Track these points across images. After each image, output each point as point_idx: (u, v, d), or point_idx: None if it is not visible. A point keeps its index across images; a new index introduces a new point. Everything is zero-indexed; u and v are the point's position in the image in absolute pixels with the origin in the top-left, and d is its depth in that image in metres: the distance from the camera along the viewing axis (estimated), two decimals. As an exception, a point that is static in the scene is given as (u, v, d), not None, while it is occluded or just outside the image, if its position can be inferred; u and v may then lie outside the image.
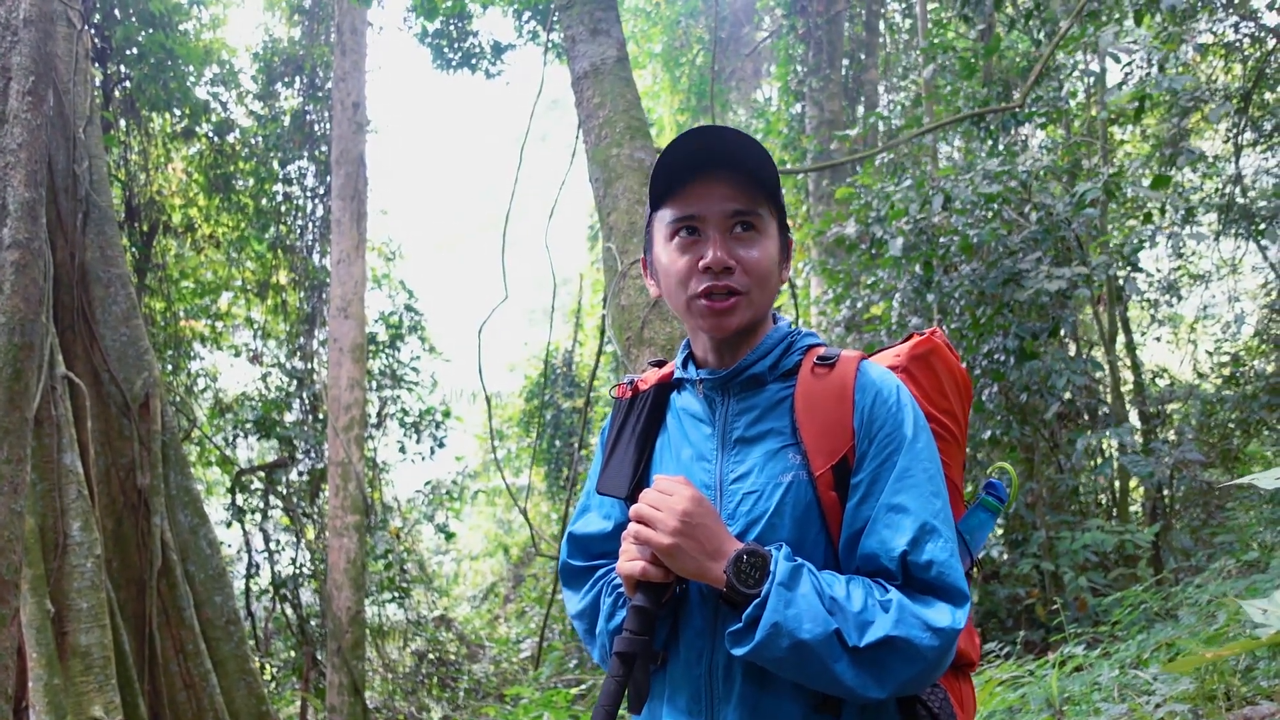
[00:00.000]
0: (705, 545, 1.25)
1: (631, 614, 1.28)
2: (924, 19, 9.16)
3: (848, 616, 1.19)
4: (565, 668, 9.39)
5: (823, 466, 1.30)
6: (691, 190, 1.36)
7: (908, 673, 1.20)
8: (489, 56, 11.35)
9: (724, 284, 1.33)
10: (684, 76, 14.64)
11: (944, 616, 1.20)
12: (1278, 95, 10.83)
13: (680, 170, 1.36)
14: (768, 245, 1.36)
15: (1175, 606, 5.40)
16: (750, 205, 1.34)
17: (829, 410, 1.32)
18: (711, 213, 1.34)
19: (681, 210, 1.36)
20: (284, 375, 10.58)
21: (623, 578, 1.31)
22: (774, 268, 1.37)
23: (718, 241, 1.33)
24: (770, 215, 1.37)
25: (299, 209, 10.79)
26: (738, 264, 1.33)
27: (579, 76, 4.86)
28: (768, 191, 1.34)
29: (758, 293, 1.35)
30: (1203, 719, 3.39)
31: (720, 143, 1.33)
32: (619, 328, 4.34)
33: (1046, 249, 6.31)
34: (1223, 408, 9.92)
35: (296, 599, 9.99)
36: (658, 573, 1.26)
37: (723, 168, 1.35)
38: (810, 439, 1.32)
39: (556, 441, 13.14)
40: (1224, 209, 10.29)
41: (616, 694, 1.26)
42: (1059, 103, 8.37)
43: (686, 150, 1.34)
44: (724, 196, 1.34)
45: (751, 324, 1.37)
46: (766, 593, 1.20)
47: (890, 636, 1.18)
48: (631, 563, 1.28)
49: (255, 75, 10.38)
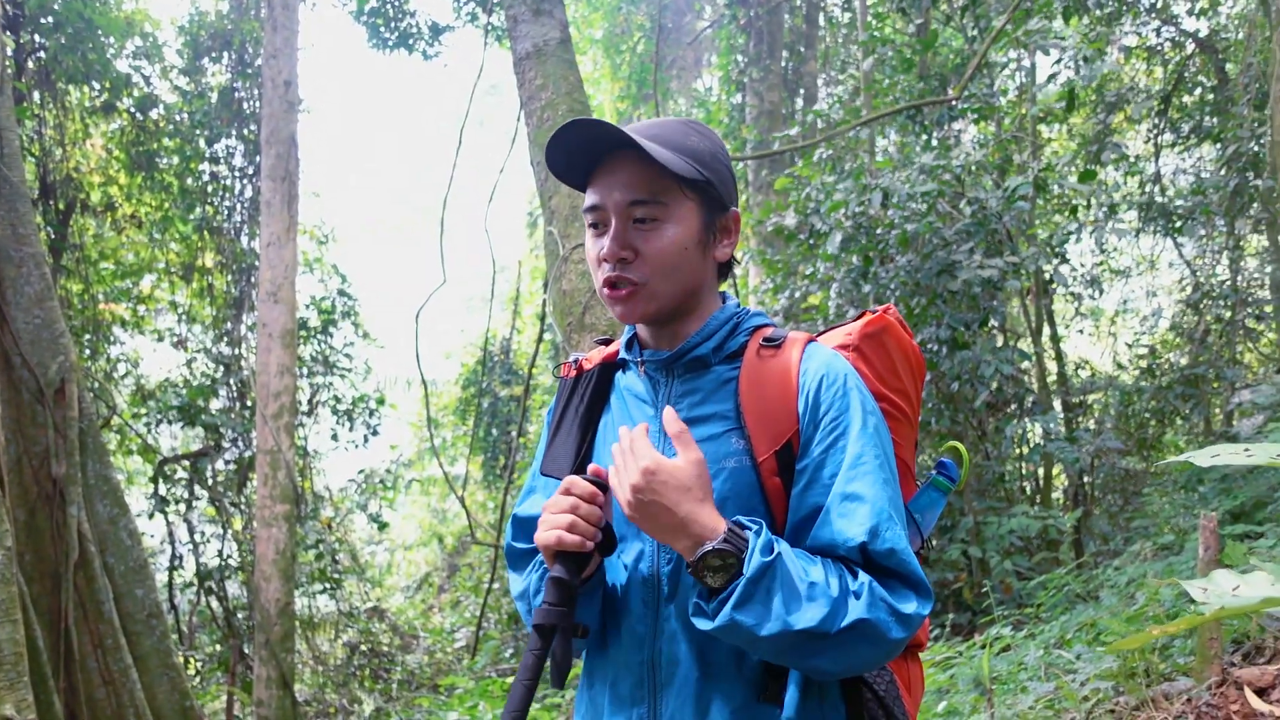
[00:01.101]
0: (673, 508, 1.21)
1: (549, 585, 1.25)
2: (863, 13, 9.28)
3: (827, 601, 1.16)
4: (501, 657, 9.32)
5: (766, 451, 1.28)
6: (597, 176, 1.34)
7: (871, 656, 1.20)
8: (426, 37, 11.14)
9: (621, 275, 1.31)
10: (624, 64, 14.58)
11: (910, 604, 1.20)
12: (1195, 98, 11.27)
13: (574, 156, 1.33)
14: (674, 232, 1.31)
15: (1096, 588, 5.60)
16: (649, 193, 1.30)
17: (773, 394, 1.30)
18: (611, 202, 1.32)
19: (589, 199, 1.35)
20: (210, 361, 10.24)
21: (540, 549, 1.28)
22: (683, 253, 1.32)
23: (616, 232, 1.31)
24: (684, 198, 1.32)
25: (227, 189, 10.44)
26: (637, 255, 1.31)
27: (521, 57, 4.79)
28: (677, 174, 1.29)
29: (659, 282, 1.31)
30: (1124, 695, 3.52)
31: (612, 129, 1.29)
32: (560, 313, 4.30)
33: (979, 241, 6.46)
34: (1140, 398, 10.32)
35: (223, 591, 9.70)
36: (574, 541, 1.24)
37: (624, 148, 1.31)
38: (754, 423, 1.30)
39: (493, 430, 13.01)
40: (1144, 207, 10.69)
41: (535, 668, 1.23)
42: (991, 99, 8.57)
43: (575, 135, 1.30)
44: (623, 184, 1.31)
45: (664, 311, 1.35)
46: (732, 589, 1.17)
47: (862, 620, 1.16)
48: (548, 532, 1.25)
49: (181, 49, 9.99)
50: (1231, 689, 3.43)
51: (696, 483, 1.23)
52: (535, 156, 4.66)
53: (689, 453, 1.25)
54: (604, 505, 1.30)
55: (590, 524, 1.26)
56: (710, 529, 1.20)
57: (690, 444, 1.26)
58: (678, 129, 1.36)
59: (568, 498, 1.28)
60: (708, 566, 1.19)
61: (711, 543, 1.19)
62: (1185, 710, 3.35)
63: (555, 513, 1.27)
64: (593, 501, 1.28)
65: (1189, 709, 3.36)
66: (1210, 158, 11.06)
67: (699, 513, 1.21)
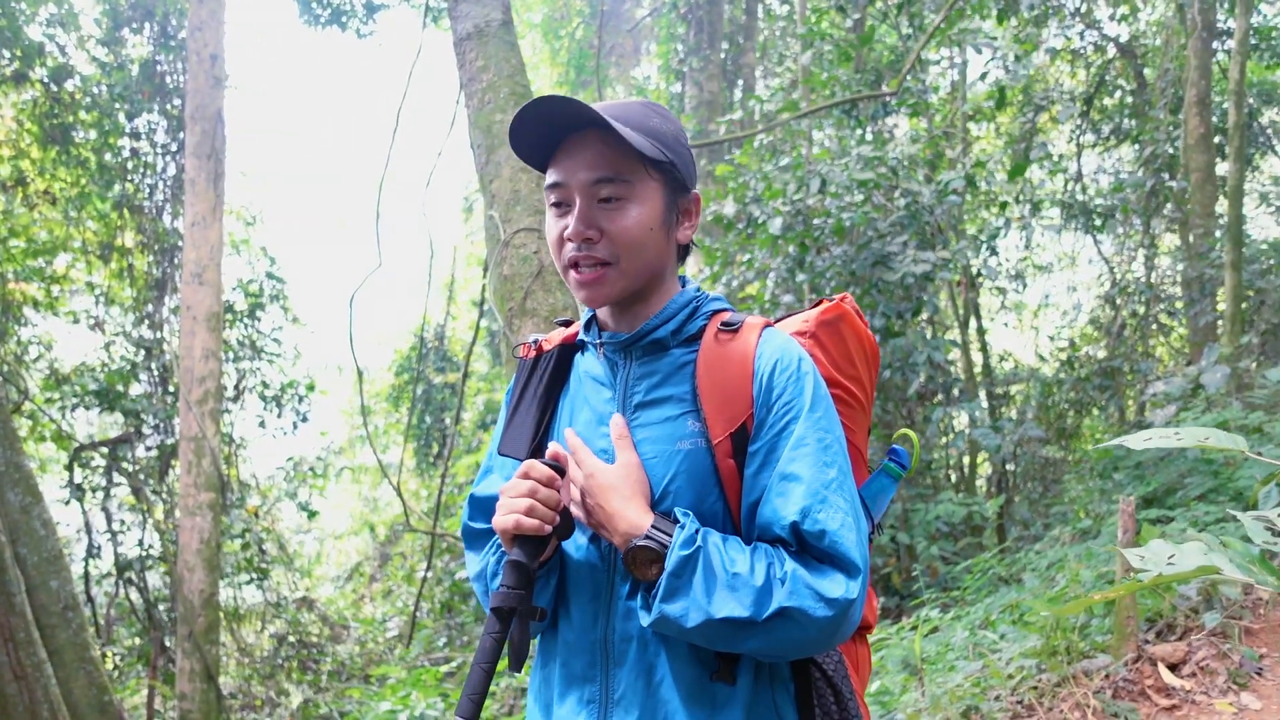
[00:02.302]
0: (603, 506, 1.27)
1: (507, 569, 1.25)
2: (802, 7, 9.38)
3: (749, 592, 1.19)
4: (435, 646, 9.22)
5: (721, 434, 1.29)
6: (560, 155, 1.33)
7: (803, 638, 1.21)
8: (360, 15, 10.88)
9: (587, 255, 1.31)
10: (563, 49, 14.47)
11: (837, 587, 1.20)
12: (1115, 101, 11.70)
13: (538, 133, 1.32)
14: (638, 212, 1.31)
15: (1018, 571, 5.80)
16: (614, 172, 1.30)
17: (730, 378, 1.31)
18: (575, 180, 1.31)
19: (551, 177, 1.35)
20: (130, 344, 9.85)
21: (499, 532, 1.28)
22: (648, 233, 1.32)
23: (581, 211, 1.31)
24: (648, 178, 1.32)
25: (148, 166, 10.03)
26: (603, 234, 1.31)
27: (461, 38, 4.70)
28: (642, 154, 1.29)
29: (628, 262, 1.32)
30: (1046, 672, 3.66)
31: (580, 105, 1.28)
32: (501, 298, 4.26)
33: (912, 233, 6.60)
34: (1060, 389, 10.71)
35: (143, 582, 9.38)
36: (532, 525, 1.24)
37: (587, 127, 1.31)
38: (710, 406, 1.31)
39: (427, 417, 12.82)
40: (1066, 205, 11.07)
41: (493, 651, 1.23)
42: (924, 95, 8.76)
43: (544, 110, 1.29)
44: (587, 163, 1.30)
45: (629, 292, 1.35)
46: (657, 586, 1.21)
47: (785, 608, 1.18)
48: (506, 516, 1.25)
49: (99, 18, 9.55)
50: (1146, 665, 3.59)
51: (624, 482, 1.27)
52: (476, 139, 4.59)
53: (623, 455, 1.30)
54: (561, 488, 1.30)
55: (548, 507, 1.27)
56: (635, 525, 1.24)
57: (627, 447, 1.30)
58: (640, 110, 1.36)
59: (526, 481, 1.28)
60: (636, 561, 1.23)
61: (635, 539, 1.23)
62: (1104, 685, 3.50)
63: (513, 496, 1.27)
64: (550, 485, 1.28)
65: (1107, 684, 3.52)
66: (1129, 158, 11.51)
67: (625, 510, 1.25)
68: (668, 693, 1.28)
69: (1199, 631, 3.78)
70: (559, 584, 1.39)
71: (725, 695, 1.28)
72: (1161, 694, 3.42)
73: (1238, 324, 7.39)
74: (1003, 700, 3.57)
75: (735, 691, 1.28)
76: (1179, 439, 1.41)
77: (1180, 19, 10.32)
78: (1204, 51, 9.29)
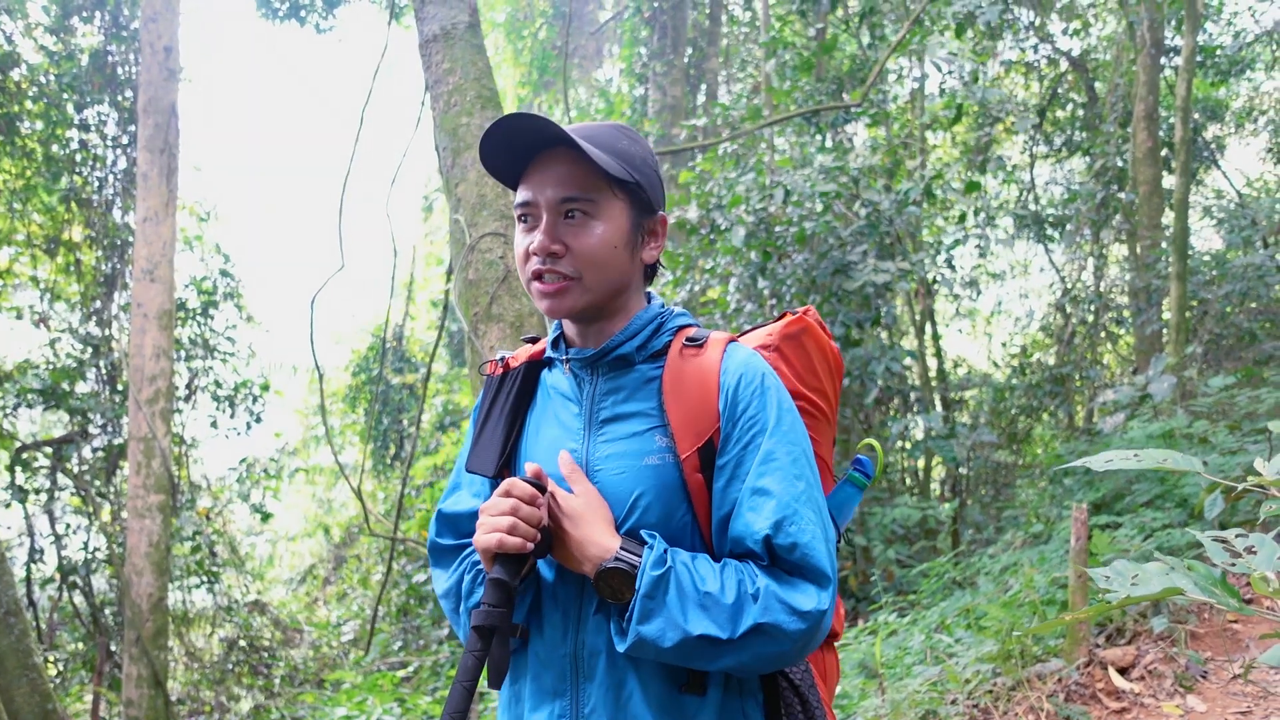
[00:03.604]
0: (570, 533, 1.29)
1: (489, 587, 1.25)
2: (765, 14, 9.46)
3: (721, 610, 1.21)
4: (391, 650, 9.12)
5: (689, 449, 1.31)
6: (530, 173, 1.36)
7: (777, 652, 1.23)
8: (319, 10, 10.73)
9: (551, 268, 1.33)
10: (526, 50, 14.40)
11: (809, 599, 1.23)
12: (1067, 114, 11.98)
13: (508, 151, 1.36)
14: (603, 229, 1.34)
15: (973, 575, 5.91)
16: (581, 190, 1.33)
17: (696, 392, 1.33)
18: (543, 197, 1.34)
19: (520, 195, 1.38)
20: (77, 342, 9.58)
21: (480, 551, 1.28)
22: (612, 251, 1.35)
23: (547, 226, 1.33)
24: (614, 198, 1.35)
25: (98, 159, 9.77)
26: (568, 249, 1.33)
27: (427, 39, 4.66)
28: (608, 173, 1.32)
29: (591, 277, 1.34)
30: (1001, 676, 3.74)
31: (546, 126, 1.31)
32: (466, 303, 4.23)
33: (871, 242, 6.69)
34: (1012, 395, 10.93)
35: (88, 586, 9.13)
36: (515, 543, 1.24)
37: (557, 145, 1.34)
38: (677, 421, 1.32)
39: (384, 419, 12.67)
40: (1019, 214, 11.31)
41: (475, 669, 1.23)
42: (884, 105, 8.88)
43: (512, 129, 1.32)
44: (555, 181, 1.33)
45: (592, 307, 1.37)
46: (632, 608, 1.22)
47: (759, 624, 1.21)
48: (489, 535, 1.26)
49: (48, 5, 9.28)
50: (1097, 668, 3.69)
51: (587, 510, 1.29)
52: (442, 142, 4.55)
53: (579, 485, 1.32)
54: (542, 506, 1.30)
55: (530, 525, 1.27)
56: (604, 549, 1.25)
57: (580, 479, 1.33)
58: (610, 132, 1.39)
59: (508, 499, 1.27)
60: (608, 586, 1.25)
61: (605, 562, 1.24)
62: (1057, 689, 3.59)
63: (495, 515, 1.27)
64: (533, 503, 1.28)
65: (1060, 688, 3.60)
66: (1080, 170, 11.79)
67: (593, 534, 1.27)
68: (638, 707, 1.29)
69: (1147, 636, 3.90)
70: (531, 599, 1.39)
71: (695, 707, 1.30)
72: (1112, 697, 3.52)
73: (1182, 333, 7.61)
74: (959, 704, 3.64)
75: (704, 703, 1.30)
76: (1139, 460, 1.46)
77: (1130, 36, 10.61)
78: (1152, 67, 9.56)
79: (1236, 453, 4.99)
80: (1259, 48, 11.12)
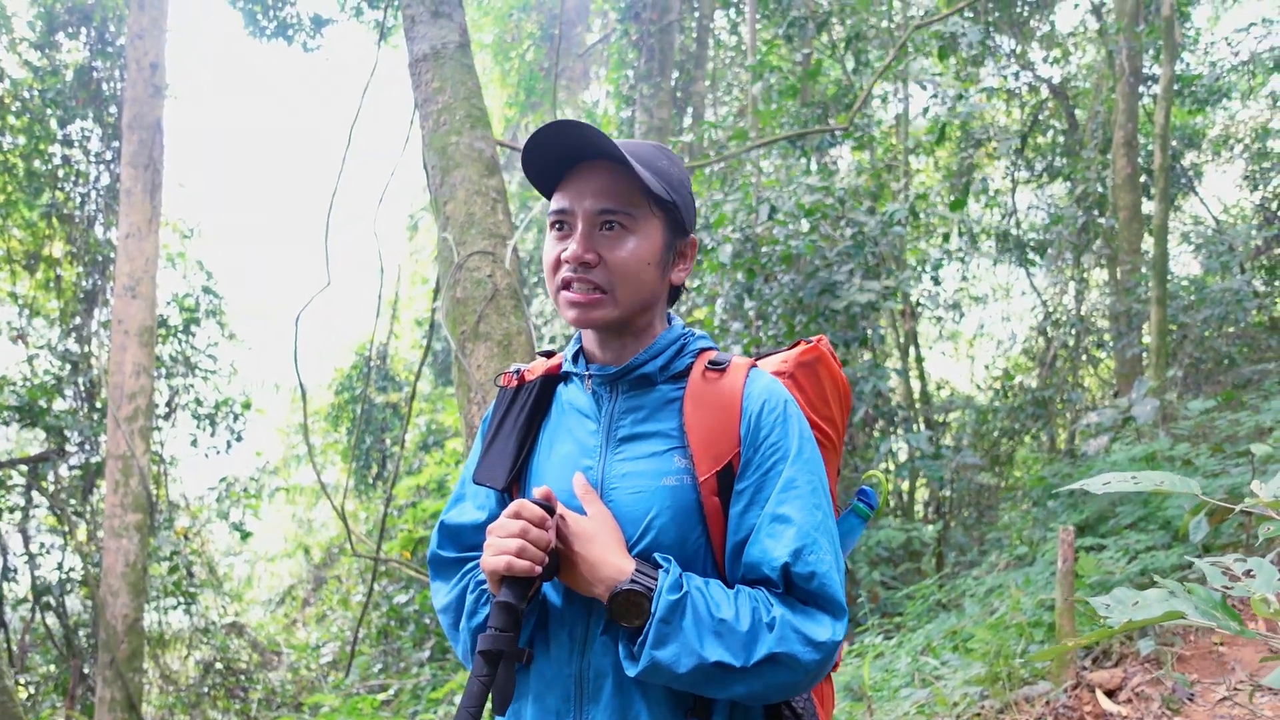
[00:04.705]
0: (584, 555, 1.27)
1: (496, 610, 1.22)
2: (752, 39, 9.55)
3: (736, 638, 1.20)
4: (370, 673, 8.99)
5: (707, 471, 1.30)
6: (568, 182, 1.36)
7: (789, 681, 1.22)
8: (307, 29, 10.74)
9: (582, 277, 1.33)
10: (514, 70, 14.47)
11: (824, 630, 1.22)
12: (1048, 140, 12.14)
13: (550, 158, 1.35)
14: (638, 244, 1.34)
15: (958, 597, 5.90)
16: (620, 204, 1.33)
17: (717, 415, 1.33)
18: (581, 207, 1.34)
19: (557, 203, 1.37)
20: (55, 358, 9.47)
21: (486, 573, 1.26)
22: (645, 267, 1.35)
23: (583, 236, 1.33)
24: (651, 215, 1.36)
25: (80, 175, 9.71)
26: (602, 260, 1.33)
27: (417, 59, 4.66)
28: (647, 190, 1.32)
29: (623, 291, 1.34)
30: (989, 699, 3.72)
31: (595, 137, 1.31)
32: (453, 321, 4.21)
33: (857, 263, 6.73)
34: (994, 417, 10.98)
35: (61, 607, 8.96)
36: (524, 566, 1.21)
37: (600, 158, 1.34)
38: (697, 443, 1.32)
39: (367, 438, 12.57)
40: (1001, 238, 11.42)
41: (480, 695, 1.20)
42: (869, 128, 8.97)
43: (558, 137, 1.32)
44: (595, 192, 1.33)
45: (618, 321, 1.36)
46: (646, 631, 1.20)
47: (774, 653, 1.20)
48: (497, 557, 1.23)
49: (33, 21, 9.25)
50: (1085, 691, 3.69)
51: (599, 531, 1.28)
52: (431, 160, 4.55)
53: (592, 507, 1.30)
54: (550, 529, 1.28)
55: (539, 548, 1.24)
56: (619, 571, 1.24)
57: (594, 500, 1.31)
58: (651, 151, 1.40)
59: (517, 521, 1.25)
60: (621, 609, 1.22)
61: (620, 585, 1.22)
62: (1045, 712, 3.58)
63: (503, 536, 1.24)
64: (542, 525, 1.26)
65: (1048, 710, 3.60)
66: (1061, 195, 11.93)
67: (607, 556, 1.25)
68: None
69: (1134, 659, 3.90)
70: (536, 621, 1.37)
71: None
72: (1099, 720, 3.51)
73: (1162, 357, 7.68)
74: (947, 727, 3.62)
75: None
76: (1136, 483, 1.46)
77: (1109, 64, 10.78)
78: (1131, 95, 9.70)
79: (1219, 475, 5.03)
80: (1235, 77, 11.33)
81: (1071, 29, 12.13)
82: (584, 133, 1.30)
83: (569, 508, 1.33)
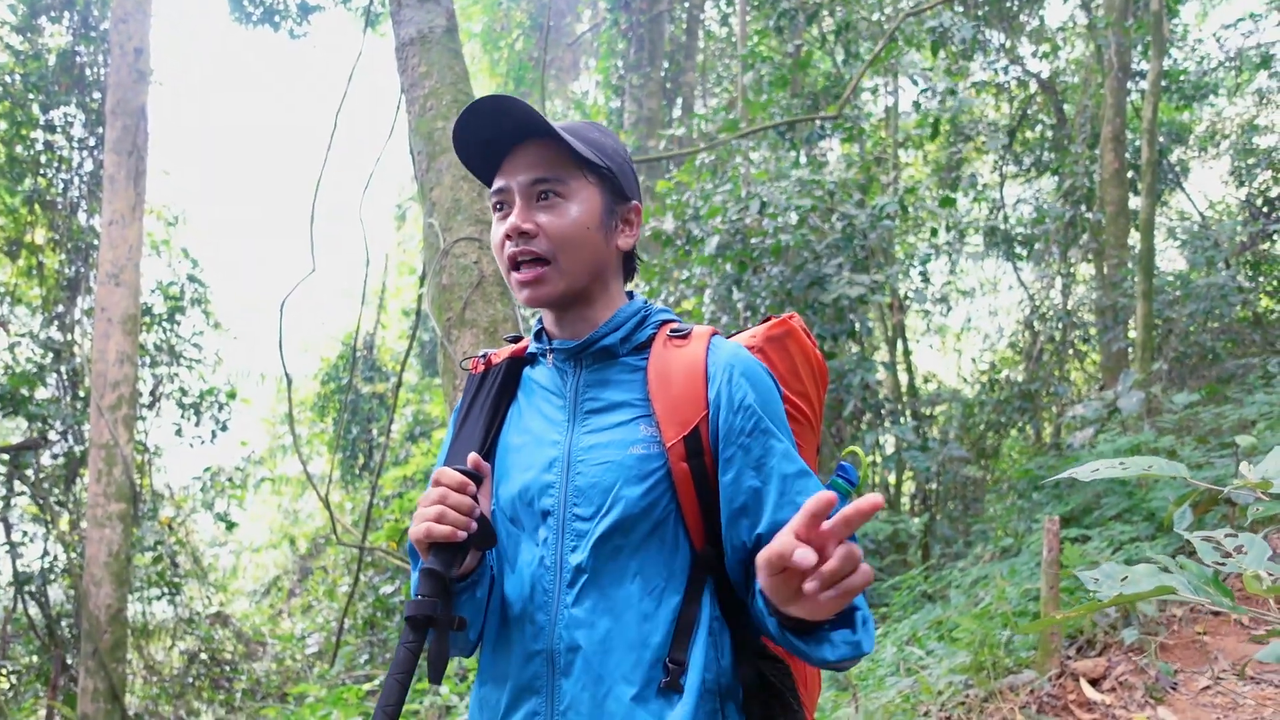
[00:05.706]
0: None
1: (422, 577, 1.22)
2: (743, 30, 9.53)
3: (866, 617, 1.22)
4: (356, 664, 8.96)
5: (674, 437, 1.30)
6: (504, 165, 1.38)
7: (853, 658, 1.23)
8: (294, 15, 10.65)
9: (525, 249, 1.34)
10: (503, 60, 14.39)
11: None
12: (1036, 134, 12.17)
13: (485, 150, 1.37)
14: (576, 209, 1.35)
15: (944, 588, 5.93)
16: (552, 172, 1.34)
17: (682, 382, 1.33)
18: (516, 182, 1.36)
19: (495, 184, 1.39)
20: (37, 346, 9.37)
21: (413, 542, 1.25)
22: (584, 231, 1.35)
23: (520, 208, 1.35)
24: (585, 181, 1.36)
25: (63, 161, 9.60)
26: (539, 229, 1.33)
27: (404, 43, 4.63)
28: (579, 156, 1.33)
29: (565, 258, 1.34)
30: (974, 688, 3.73)
31: (519, 113, 1.32)
32: (439, 308, 4.18)
33: (847, 256, 6.73)
34: (981, 410, 11.04)
35: (44, 596, 8.88)
36: (443, 532, 1.21)
37: (530, 137, 1.35)
38: (662, 410, 1.32)
39: (353, 428, 12.50)
40: (989, 232, 11.45)
41: (408, 662, 1.19)
42: (859, 121, 8.97)
43: (481, 119, 1.33)
44: (527, 166, 1.35)
45: (569, 293, 1.37)
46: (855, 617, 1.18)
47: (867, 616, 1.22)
48: (417, 526, 1.23)
49: (14, 4, 9.13)
50: (1069, 680, 3.70)
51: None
52: (417, 146, 4.51)
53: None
54: (477, 495, 1.26)
55: (460, 513, 1.23)
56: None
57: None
58: (585, 126, 1.42)
59: (437, 488, 1.25)
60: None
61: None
62: (1029, 700, 3.60)
63: (425, 505, 1.24)
64: (462, 490, 1.24)
65: (1032, 699, 3.61)
66: (1048, 190, 11.97)
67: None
68: (615, 704, 1.26)
69: (1118, 648, 3.92)
70: (503, 597, 1.36)
71: (673, 705, 1.27)
72: (1083, 708, 3.53)
73: (1148, 351, 7.72)
74: (933, 716, 3.63)
75: (683, 701, 1.27)
76: (1125, 469, 1.45)
77: (1098, 59, 10.81)
78: (1119, 91, 9.74)
79: (1203, 467, 5.06)
80: (1222, 73, 11.38)
81: (1061, 24, 12.15)
82: (502, 105, 1.31)
83: (540, 485, 1.33)
